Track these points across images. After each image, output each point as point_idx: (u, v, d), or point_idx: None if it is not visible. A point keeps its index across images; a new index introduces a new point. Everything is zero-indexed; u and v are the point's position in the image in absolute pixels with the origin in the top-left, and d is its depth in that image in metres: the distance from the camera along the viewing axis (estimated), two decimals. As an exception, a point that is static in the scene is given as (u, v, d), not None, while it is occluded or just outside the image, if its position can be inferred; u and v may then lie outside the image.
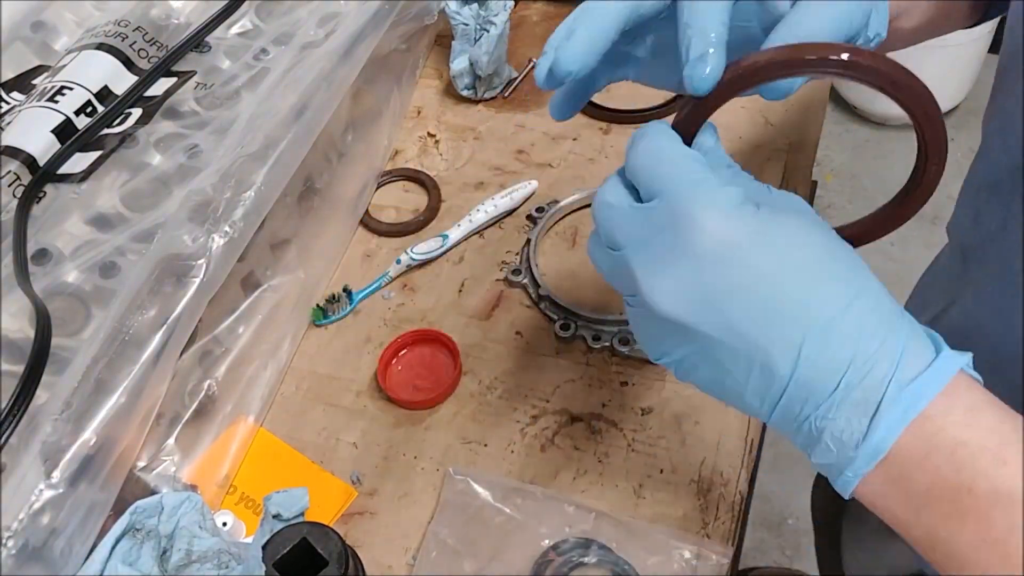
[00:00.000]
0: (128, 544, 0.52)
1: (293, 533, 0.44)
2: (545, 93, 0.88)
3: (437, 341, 0.70)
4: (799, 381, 0.37)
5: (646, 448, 0.64)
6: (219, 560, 0.52)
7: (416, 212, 0.80)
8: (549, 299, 0.71)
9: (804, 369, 0.37)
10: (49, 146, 0.69)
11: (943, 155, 0.42)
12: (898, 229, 0.45)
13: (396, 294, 0.74)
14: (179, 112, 0.74)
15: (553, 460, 0.64)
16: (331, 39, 0.74)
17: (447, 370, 0.69)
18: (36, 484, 0.51)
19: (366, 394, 0.69)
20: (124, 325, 0.57)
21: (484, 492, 0.61)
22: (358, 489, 0.63)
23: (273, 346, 0.69)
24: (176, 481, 0.61)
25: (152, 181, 0.69)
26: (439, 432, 0.66)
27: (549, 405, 0.66)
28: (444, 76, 0.90)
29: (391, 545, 0.61)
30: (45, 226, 0.65)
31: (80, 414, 0.54)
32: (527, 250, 0.74)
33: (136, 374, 0.56)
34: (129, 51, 0.76)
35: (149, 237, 0.63)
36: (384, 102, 0.83)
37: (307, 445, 0.66)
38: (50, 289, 0.61)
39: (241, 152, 0.64)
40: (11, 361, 0.58)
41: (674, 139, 0.41)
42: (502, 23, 0.84)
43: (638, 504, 0.61)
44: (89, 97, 0.72)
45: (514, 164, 0.83)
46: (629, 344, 0.67)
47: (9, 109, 0.72)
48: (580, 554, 0.58)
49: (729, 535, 0.59)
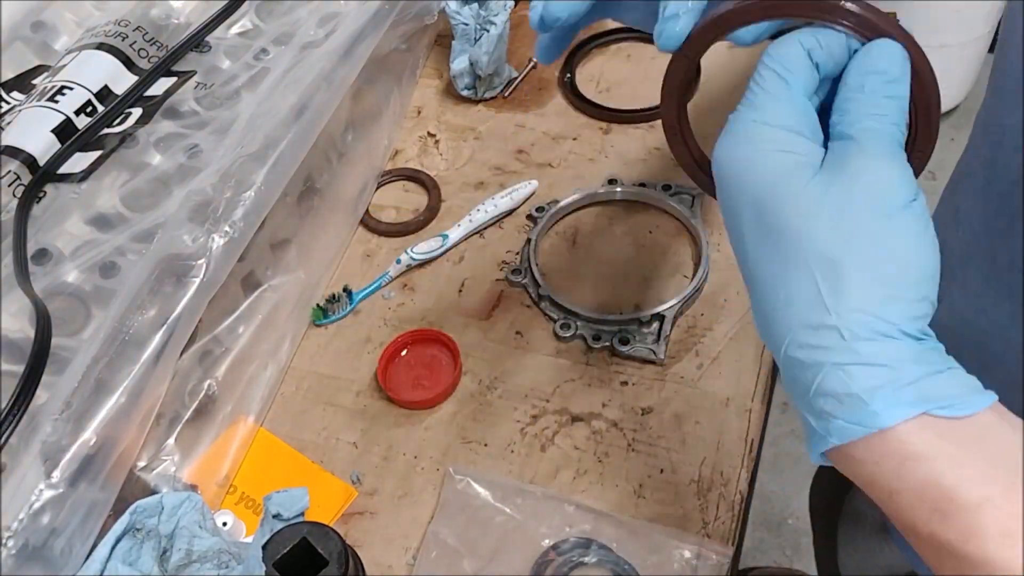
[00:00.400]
0: (128, 544, 0.52)
1: (293, 533, 0.44)
2: (545, 93, 0.88)
3: (438, 341, 0.70)
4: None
5: (646, 448, 0.64)
6: (219, 560, 0.52)
7: (416, 212, 0.80)
8: (549, 299, 0.71)
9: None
10: (49, 146, 0.69)
11: (932, 127, 0.41)
12: None
13: (396, 294, 0.74)
14: (179, 112, 0.74)
15: (553, 460, 0.64)
16: (331, 39, 0.74)
17: (447, 370, 0.69)
18: (36, 484, 0.51)
19: (366, 394, 0.69)
20: (124, 325, 0.57)
21: (484, 492, 0.61)
22: (358, 489, 0.63)
23: (273, 346, 0.69)
24: (176, 481, 0.61)
25: (152, 181, 0.69)
26: (439, 432, 0.66)
27: (549, 405, 0.66)
28: (444, 76, 0.90)
29: (391, 545, 0.61)
30: (45, 226, 0.65)
31: (80, 414, 0.54)
32: (527, 250, 0.74)
33: (136, 374, 0.56)
34: (129, 51, 0.76)
35: (149, 237, 0.63)
36: (384, 102, 0.83)
37: (307, 445, 0.66)
38: (50, 289, 0.61)
39: (241, 152, 0.64)
40: (11, 361, 0.58)
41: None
42: (502, 23, 0.84)
43: (638, 504, 0.61)
44: (89, 97, 0.72)
45: (514, 164, 0.83)
46: (629, 344, 0.67)
47: (9, 109, 0.73)
48: (580, 554, 0.59)
49: (729, 535, 0.59)
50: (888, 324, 0.36)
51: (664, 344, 0.67)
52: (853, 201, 0.37)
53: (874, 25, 0.39)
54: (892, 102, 0.39)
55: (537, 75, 0.90)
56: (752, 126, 0.40)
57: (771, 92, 0.40)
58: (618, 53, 0.91)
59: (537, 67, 0.90)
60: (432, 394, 0.67)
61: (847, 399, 0.36)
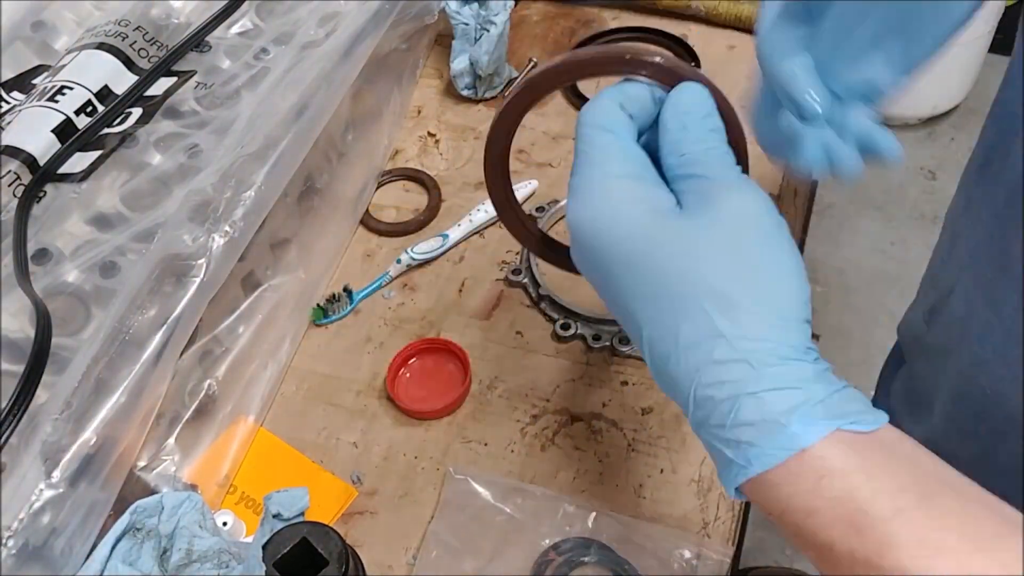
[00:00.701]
0: (128, 544, 0.52)
1: (293, 533, 0.44)
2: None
3: (447, 350, 0.69)
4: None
5: (646, 448, 0.64)
6: (219, 560, 0.52)
7: (416, 212, 0.80)
8: (549, 299, 0.71)
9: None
10: (49, 146, 0.69)
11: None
12: (898, 229, 0.46)
13: (396, 294, 0.74)
14: (179, 112, 0.74)
15: (553, 460, 0.64)
16: (331, 39, 0.74)
17: (457, 380, 0.68)
18: (36, 484, 0.51)
19: (366, 394, 0.69)
20: (124, 325, 0.57)
21: (484, 492, 0.62)
22: (358, 489, 0.63)
23: (273, 346, 0.69)
24: (176, 481, 0.61)
25: (152, 181, 0.69)
26: (439, 432, 0.66)
27: (549, 405, 0.66)
28: (444, 76, 0.90)
29: (391, 545, 0.61)
30: (45, 226, 0.65)
31: (80, 414, 0.54)
32: (527, 250, 0.75)
33: (136, 374, 0.56)
34: (129, 51, 0.76)
35: (149, 237, 0.63)
36: (384, 102, 0.83)
37: (307, 445, 0.66)
38: (50, 289, 0.61)
39: (241, 152, 0.64)
40: (11, 361, 0.58)
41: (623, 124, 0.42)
42: (502, 23, 0.84)
43: (638, 504, 0.61)
44: (89, 97, 0.72)
45: (514, 164, 0.83)
46: (629, 344, 0.67)
47: (9, 109, 0.73)
48: (580, 554, 0.59)
49: (729, 535, 0.59)
50: (788, 347, 0.37)
51: (664, 344, 0.67)
52: (727, 233, 0.38)
53: (672, 71, 0.42)
54: (716, 134, 0.41)
55: (537, 75, 0.90)
56: (599, 181, 0.41)
57: (601, 146, 0.41)
58: (618, 53, 0.91)
59: (537, 67, 0.90)
60: (441, 405, 0.66)
61: (764, 425, 0.36)
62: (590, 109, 0.42)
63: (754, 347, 0.37)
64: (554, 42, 0.93)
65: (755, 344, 0.37)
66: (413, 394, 0.68)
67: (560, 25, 0.94)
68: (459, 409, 0.67)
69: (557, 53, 0.90)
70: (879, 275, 1.85)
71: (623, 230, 0.40)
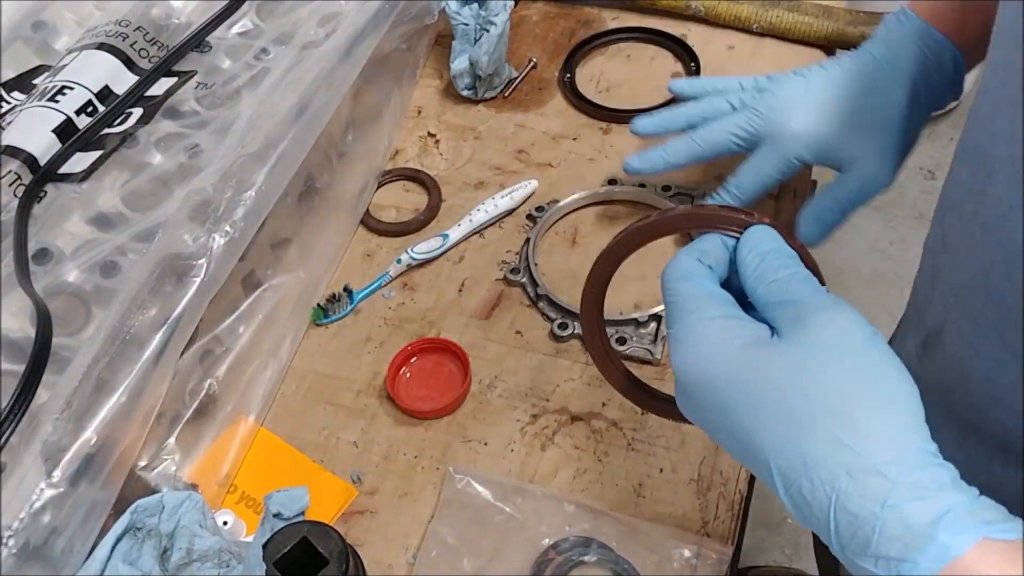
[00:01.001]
0: (129, 543, 0.52)
1: (294, 532, 0.44)
2: (545, 93, 0.89)
3: (447, 350, 0.69)
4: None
5: (646, 448, 0.64)
6: (220, 559, 0.52)
7: (416, 212, 0.80)
8: (547, 298, 0.71)
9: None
10: (50, 146, 0.69)
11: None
12: (897, 229, 0.46)
13: (396, 293, 0.75)
14: (180, 112, 0.74)
15: (553, 459, 0.64)
16: (331, 39, 0.74)
17: (457, 380, 0.68)
18: (37, 483, 0.51)
19: (366, 393, 0.69)
20: (125, 325, 0.57)
21: (484, 491, 0.62)
22: (358, 488, 0.63)
23: (274, 345, 0.69)
24: (177, 480, 0.61)
25: (153, 181, 0.69)
26: (439, 431, 0.66)
27: (549, 404, 0.67)
28: (444, 76, 0.90)
29: (391, 544, 0.61)
30: (46, 226, 0.66)
31: (81, 413, 0.54)
32: (527, 249, 0.75)
33: (137, 373, 0.56)
34: (130, 51, 0.76)
35: (150, 237, 0.63)
36: (384, 102, 0.83)
37: (307, 444, 0.66)
38: (51, 288, 0.62)
39: (242, 152, 0.64)
40: (12, 361, 0.59)
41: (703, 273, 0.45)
42: (502, 23, 0.84)
43: (638, 504, 0.61)
44: (90, 97, 0.72)
45: (514, 164, 0.83)
46: (627, 344, 0.67)
47: (10, 109, 0.73)
48: (580, 553, 0.59)
49: (729, 534, 0.59)
50: (918, 452, 0.37)
51: (661, 344, 0.68)
52: (831, 351, 0.39)
53: (743, 221, 0.44)
54: (793, 260, 0.43)
55: (537, 75, 0.90)
56: (697, 326, 0.42)
57: (691, 295, 0.43)
58: (618, 53, 0.92)
59: (537, 67, 0.91)
60: (442, 404, 0.66)
61: (912, 538, 0.36)
62: (672, 266, 0.45)
63: (885, 458, 0.37)
64: (554, 42, 0.93)
65: (885, 455, 0.37)
66: (413, 393, 0.68)
67: (560, 25, 0.95)
68: (459, 409, 0.67)
69: (556, 53, 0.91)
70: (879, 275, 1.84)
71: (731, 365, 0.41)
